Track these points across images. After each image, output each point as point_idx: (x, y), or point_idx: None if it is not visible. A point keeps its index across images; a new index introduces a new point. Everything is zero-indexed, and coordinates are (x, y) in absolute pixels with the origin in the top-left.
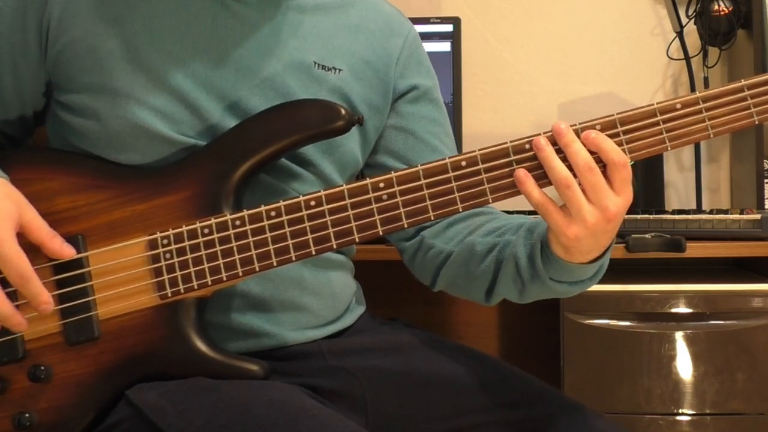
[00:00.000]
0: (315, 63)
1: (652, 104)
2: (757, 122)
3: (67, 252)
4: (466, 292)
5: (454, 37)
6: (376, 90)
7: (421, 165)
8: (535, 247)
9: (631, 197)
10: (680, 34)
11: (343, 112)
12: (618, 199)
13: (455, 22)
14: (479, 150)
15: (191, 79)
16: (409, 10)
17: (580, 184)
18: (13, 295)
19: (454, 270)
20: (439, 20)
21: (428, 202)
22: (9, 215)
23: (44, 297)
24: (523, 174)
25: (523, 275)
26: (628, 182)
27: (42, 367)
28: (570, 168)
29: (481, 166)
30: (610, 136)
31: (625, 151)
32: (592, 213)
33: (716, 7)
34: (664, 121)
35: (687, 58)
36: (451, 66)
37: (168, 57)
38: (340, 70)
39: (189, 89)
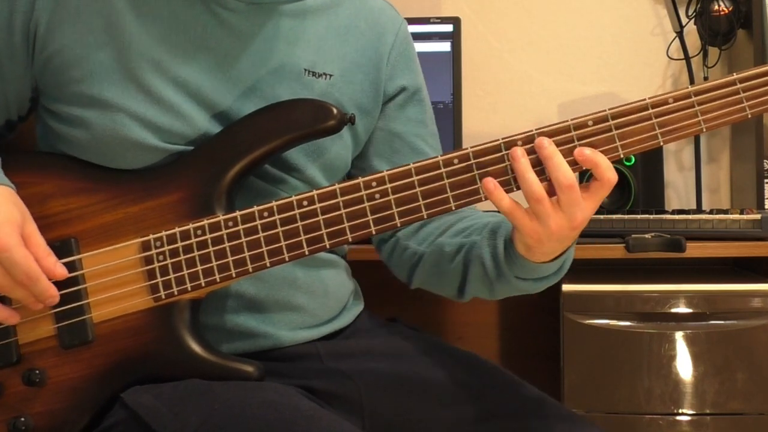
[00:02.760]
0: (305, 70)
1: (644, 99)
2: (749, 116)
3: (60, 272)
4: (440, 290)
5: (454, 37)
6: (366, 93)
7: (413, 163)
8: (498, 248)
9: (597, 206)
10: (680, 34)
11: (335, 111)
12: (588, 209)
13: (455, 22)
14: (471, 147)
15: (181, 89)
16: (409, 10)
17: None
18: (6, 300)
19: (427, 270)
20: (439, 20)
21: (421, 201)
22: (16, 222)
23: (51, 291)
24: (492, 185)
25: (490, 275)
26: (603, 197)
27: (36, 371)
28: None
29: (473, 161)
30: (603, 131)
31: (617, 147)
32: (559, 222)
33: (716, 7)
34: (656, 116)
35: (687, 58)
36: (451, 66)
37: (157, 66)
38: (330, 75)
39: (178, 99)
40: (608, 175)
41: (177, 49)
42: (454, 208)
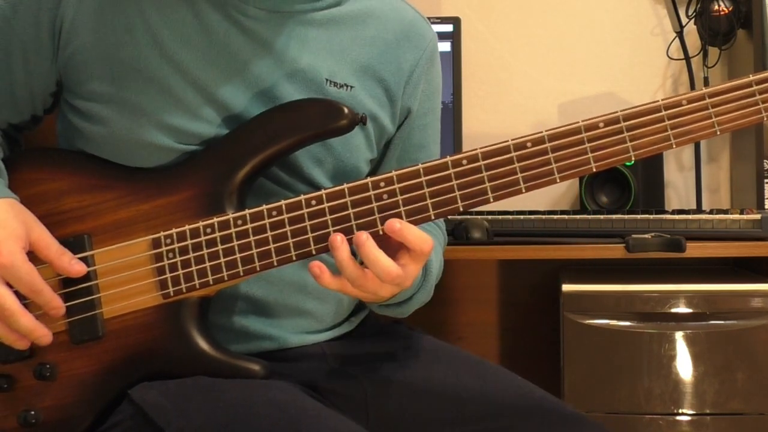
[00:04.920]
0: (327, 80)
1: (657, 101)
2: (765, 119)
3: (76, 268)
4: None
5: (454, 37)
6: (384, 108)
7: (422, 163)
8: None
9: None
10: (680, 34)
11: (346, 111)
12: (417, 270)
13: (455, 22)
14: (480, 148)
15: (201, 92)
16: None
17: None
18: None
19: None
20: (439, 20)
21: (429, 201)
22: (18, 235)
23: (55, 303)
24: (339, 241)
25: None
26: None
27: (47, 365)
28: None
29: (481, 162)
30: (614, 133)
31: (629, 149)
32: (390, 290)
33: (716, 7)
34: (669, 118)
35: (687, 58)
36: (451, 66)
37: (178, 69)
38: (351, 87)
39: (198, 102)
40: (421, 247)
41: (198, 53)
42: (461, 209)
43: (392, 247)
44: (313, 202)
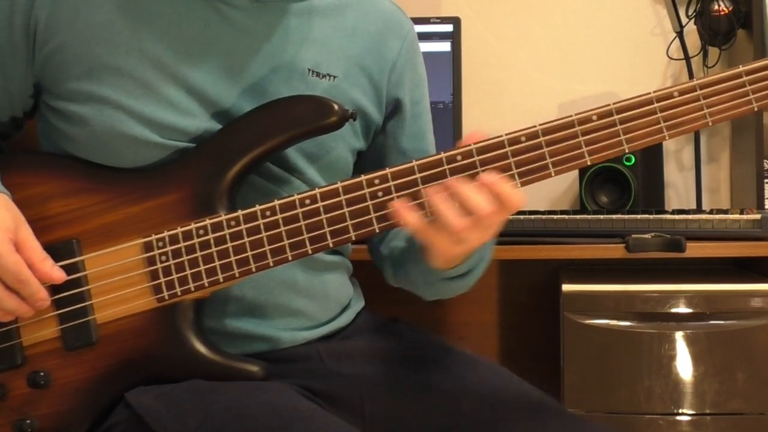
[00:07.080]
0: (309, 70)
1: (649, 93)
2: (756, 109)
3: (57, 275)
4: (412, 290)
5: (454, 37)
6: (368, 96)
7: (416, 160)
8: (420, 260)
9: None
10: (680, 34)
11: (336, 107)
12: (502, 220)
13: (455, 22)
14: (474, 144)
15: (181, 85)
16: (409, 10)
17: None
18: None
19: (391, 273)
20: (439, 20)
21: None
22: (7, 227)
23: (41, 294)
24: (398, 206)
25: (429, 280)
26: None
27: (41, 373)
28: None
29: (476, 158)
30: (607, 126)
31: (622, 142)
32: (480, 237)
33: (716, 7)
34: (661, 110)
35: (687, 58)
36: (451, 66)
37: (157, 63)
38: (334, 77)
39: (179, 96)
40: (514, 201)
41: (177, 46)
42: None
43: None
44: (307, 202)
